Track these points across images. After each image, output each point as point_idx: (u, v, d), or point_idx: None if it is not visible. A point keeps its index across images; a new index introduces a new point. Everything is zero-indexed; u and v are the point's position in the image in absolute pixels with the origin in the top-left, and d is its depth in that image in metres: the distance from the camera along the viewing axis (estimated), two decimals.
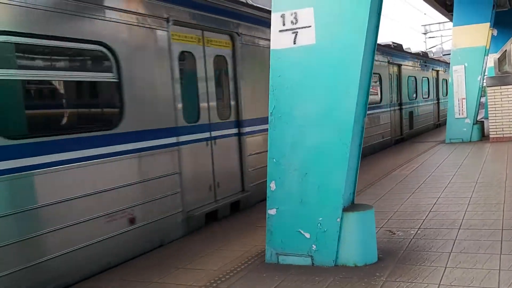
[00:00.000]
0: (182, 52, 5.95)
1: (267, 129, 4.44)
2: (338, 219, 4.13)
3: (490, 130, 12.73)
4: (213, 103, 6.48)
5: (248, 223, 6.05)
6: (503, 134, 12.50)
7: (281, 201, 4.37)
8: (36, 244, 4.01)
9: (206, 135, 6.29)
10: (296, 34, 4.21)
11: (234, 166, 6.90)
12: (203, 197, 6.21)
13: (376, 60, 12.17)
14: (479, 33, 13.11)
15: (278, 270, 4.21)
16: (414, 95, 17.01)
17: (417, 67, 17.30)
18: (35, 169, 4.01)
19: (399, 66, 15.04)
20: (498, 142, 12.35)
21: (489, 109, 12.78)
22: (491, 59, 16.14)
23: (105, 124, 4.84)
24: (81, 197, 4.38)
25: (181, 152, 5.71)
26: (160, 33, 5.47)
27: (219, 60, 6.68)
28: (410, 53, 16.86)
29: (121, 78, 4.86)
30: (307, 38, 4.18)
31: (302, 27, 4.18)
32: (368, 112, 14.59)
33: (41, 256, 4.04)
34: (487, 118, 13.24)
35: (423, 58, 18.58)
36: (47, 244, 4.09)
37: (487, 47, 13.41)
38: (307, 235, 4.24)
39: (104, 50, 4.72)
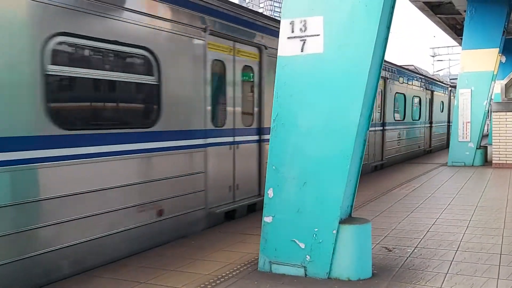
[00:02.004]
0: None
1: None
2: (334, 231, 4.07)
3: (493, 155, 12.67)
4: None
5: (242, 231, 5.98)
6: (506, 160, 12.44)
7: (278, 209, 4.31)
8: None
9: None
10: (304, 42, 4.19)
11: None
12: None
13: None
14: (487, 58, 13.11)
15: (270, 279, 4.14)
16: None
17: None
18: None
19: None
20: (500, 168, 12.28)
21: (493, 135, 12.73)
22: (498, 85, 16.15)
23: None
24: None
25: None
26: None
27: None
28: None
29: None
30: (315, 46, 4.15)
31: (311, 35, 4.16)
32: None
33: None
34: (491, 143, 13.18)
35: None
36: None
37: (495, 73, 13.41)
38: (302, 245, 4.18)
39: None
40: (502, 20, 13.22)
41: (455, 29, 19.03)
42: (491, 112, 13.41)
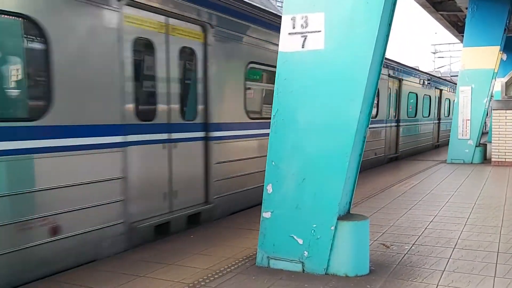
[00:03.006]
0: None
1: None
2: (332, 227, 4.09)
3: (493, 153, 12.68)
4: None
5: (240, 226, 6.00)
6: (505, 158, 12.45)
7: (277, 205, 4.32)
8: None
9: None
10: (305, 38, 4.19)
11: None
12: None
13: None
14: (488, 56, 13.10)
15: (268, 274, 4.16)
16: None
17: None
18: None
19: None
20: (499, 166, 12.29)
21: (492, 133, 12.74)
22: (499, 83, 16.13)
23: None
24: None
25: None
26: None
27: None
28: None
29: None
30: (316, 42, 4.15)
31: (312, 32, 4.15)
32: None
33: None
34: (490, 141, 13.20)
35: None
36: None
37: (496, 70, 13.40)
38: (300, 241, 4.19)
39: None
40: (504, 18, 13.19)
41: (457, 26, 18.99)
42: (491, 110, 13.42)
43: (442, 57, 47.16)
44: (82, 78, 4.52)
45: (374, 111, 8.81)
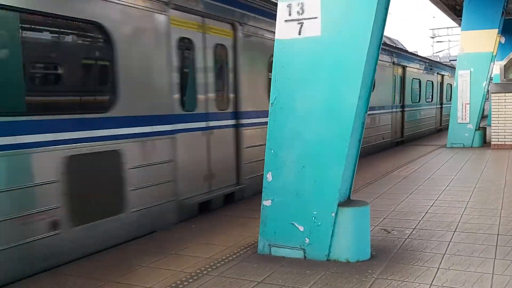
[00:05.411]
0: None
1: None
2: (333, 214, 4.10)
3: (492, 137, 12.68)
4: None
5: (242, 214, 6.02)
6: (505, 141, 12.45)
7: (277, 193, 4.34)
8: None
9: None
10: (302, 25, 4.16)
11: None
12: None
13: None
14: (487, 39, 13.04)
15: (270, 261, 4.19)
16: None
17: None
18: None
19: None
20: (499, 150, 12.30)
21: (492, 116, 12.73)
22: (497, 66, 16.09)
23: None
24: None
25: None
26: None
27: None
28: None
29: None
30: (312, 29, 4.13)
31: (308, 18, 4.13)
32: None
33: None
34: (490, 125, 13.20)
35: None
36: None
37: (494, 54, 13.34)
38: (301, 228, 4.21)
39: None
40: (501, 0, 13.11)
41: (455, 10, 18.85)
42: (490, 93, 13.40)
43: (441, 42, 46.92)
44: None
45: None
